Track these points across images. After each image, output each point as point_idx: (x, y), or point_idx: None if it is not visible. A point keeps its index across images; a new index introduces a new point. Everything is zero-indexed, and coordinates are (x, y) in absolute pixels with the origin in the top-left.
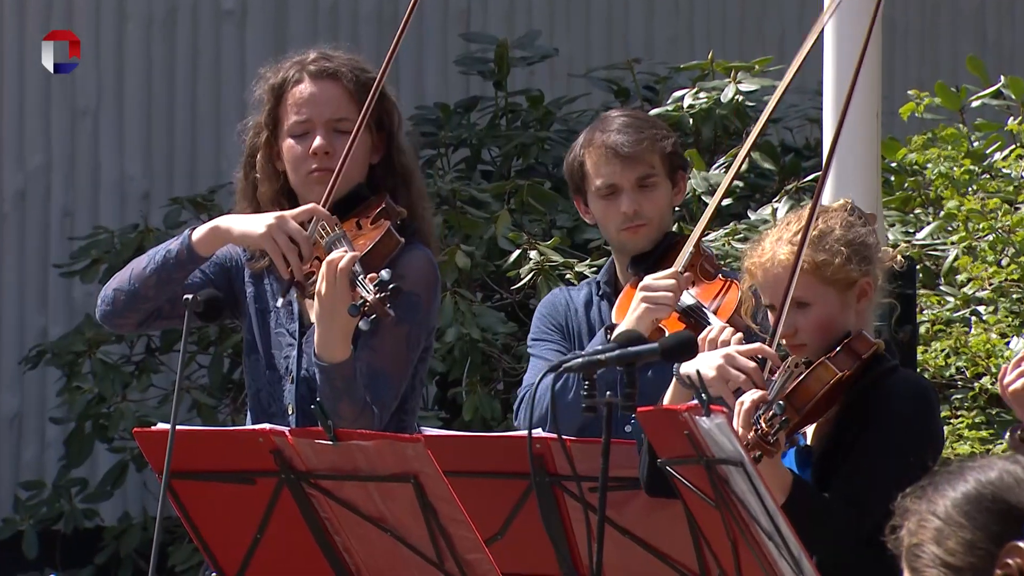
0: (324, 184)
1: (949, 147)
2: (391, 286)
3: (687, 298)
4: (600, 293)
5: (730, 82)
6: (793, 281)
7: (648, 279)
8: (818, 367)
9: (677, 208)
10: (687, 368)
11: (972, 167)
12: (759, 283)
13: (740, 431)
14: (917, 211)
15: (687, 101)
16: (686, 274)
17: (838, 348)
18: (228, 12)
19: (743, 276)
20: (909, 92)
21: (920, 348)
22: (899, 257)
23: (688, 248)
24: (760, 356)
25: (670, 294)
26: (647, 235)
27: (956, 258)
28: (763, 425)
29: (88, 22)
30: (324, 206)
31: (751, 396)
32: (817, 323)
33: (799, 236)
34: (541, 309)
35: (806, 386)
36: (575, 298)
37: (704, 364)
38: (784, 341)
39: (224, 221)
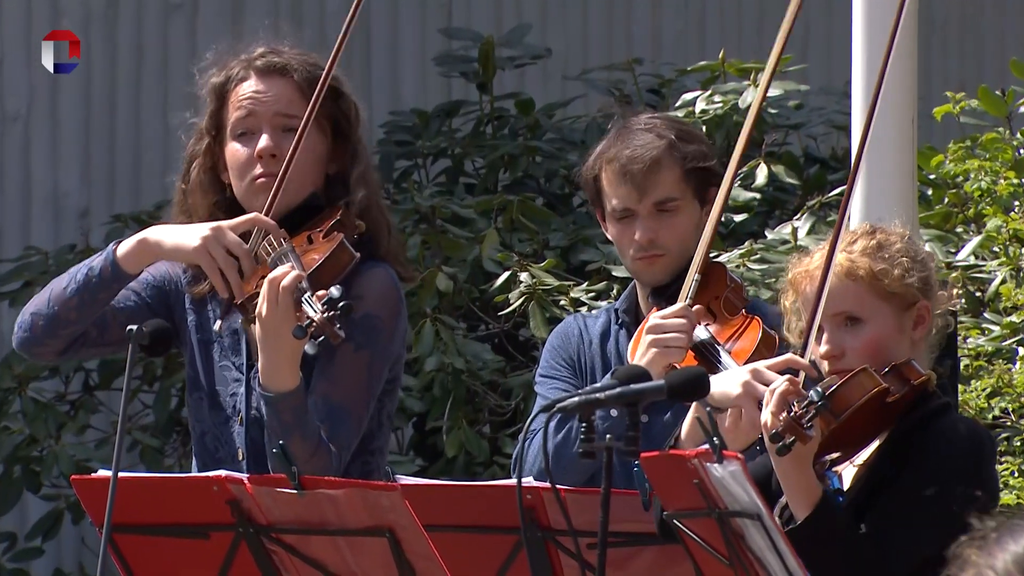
0: (269, 191)
1: (988, 155)
2: (342, 304)
3: (701, 332)
4: (619, 322)
5: (750, 85)
6: (825, 288)
7: (655, 318)
8: (860, 373)
9: None
10: (715, 392)
11: (1017, 180)
12: (804, 296)
13: (770, 418)
14: (959, 229)
15: (699, 106)
16: (696, 307)
17: (886, 369)
18: (176, 5)
19: (785, 289)
20: (950, 92)
21: (959, 387)
22: (955, 296)
23: (692, 276)
24: (791, 368)
25: (682, 334)
26: (664, 266)
27: (1003, 282)
28: (796, 408)
29: (18, 17)
30: (268, 216)
31: (784, 381)
32: (869, 343)
33: (855, 245)
34: (552, 340)
35: (845, 391)
36: (591, 328)
37: (728, 381)
38: (827, 364)
39: (153, 233)
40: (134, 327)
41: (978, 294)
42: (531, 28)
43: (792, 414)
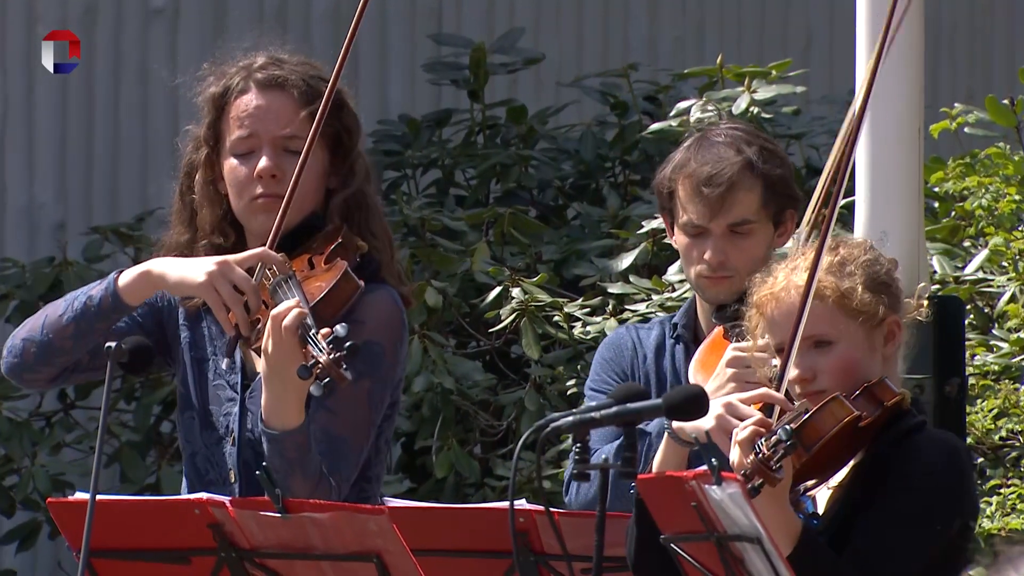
0: (270, 212)
1: (990, 171)
2: (347, 344)
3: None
4: (675, 336)
5: (743, 91)
6: (806, 309)
7: (734, 351)
8: (831, 402)
9: None
10: (686, 424)
11: (1020, 197)
12: (769, 319)
13: (737, 460)
14: (966, 243)
15: (694, 114)
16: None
17: (857, 392)
18: (157, 11)
19: (750, 313)
20: (946, 108)
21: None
22: (924, 306)
23: None
24: (767, 403)
25: (764, 369)
26: (730, 288)
27: (1012, 298)
28: (764, 449)
29: None
30: (272, 242)
31: (751, 422)
32: (840, 365)
33: (811, 260)
34: (603, 352)
35: (816, 422)
36: (644, 340)
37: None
38: (799, 388)
39: (157, 265)
40: (112, 344)
41: (987, 310)
42: (524, 32)
43: (760, 455)
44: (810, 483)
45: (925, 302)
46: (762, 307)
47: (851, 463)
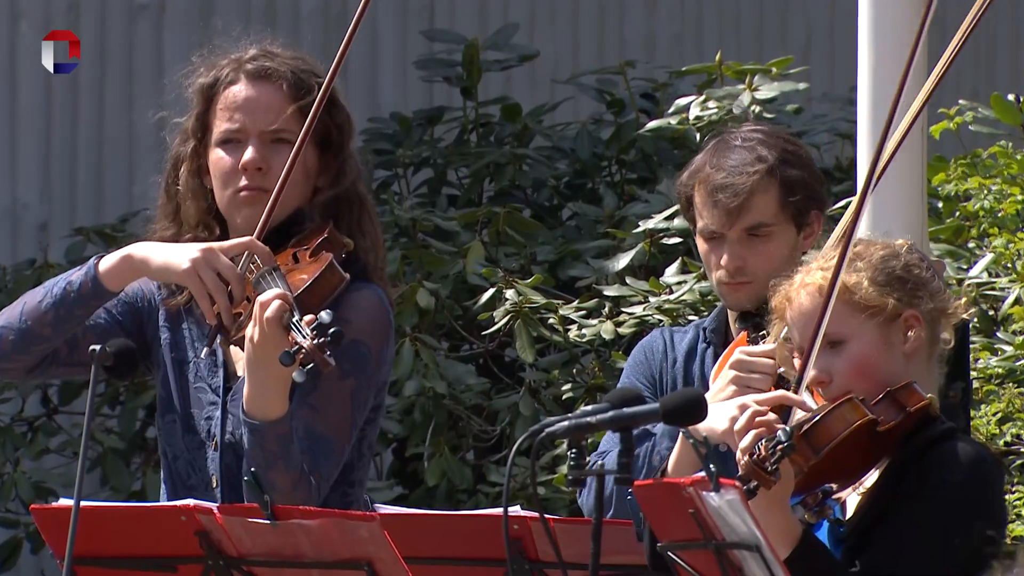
0: (254, 205)
1: (993, 171)
2: (332, 330)
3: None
4: (707, 341)
5: (745, 88)
6: (829, 306)
7: (740, 354)
8: (843, 404)
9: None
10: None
11: (1021, 197)
12: (789, 322)
13: (740, 463)
14: (971, 244)
15: (693, 111)
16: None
17: (880, 396)
18: (142, 7)
19: (772, 320)
20: (944, 109)
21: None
22: (963, 306)
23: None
24: (784, 406)
25: (767, 376)
26: (750, 294)
27: (1016, 301)
28: (761, 450)
29: None
30: (259, 234)
31: (755, 420)
32: (855, 364)
33: (832, 260)
34: (635, 355)
35: (827, 424)
36: (677, 344)
37: (717, 416)
38: (820, 391)
39: (139, 250)
40: (96, 347)
41: (991, 312)
42: (518, 29)
43: (755, 456)
44: (834, 487)
45: (964, 301)
46: (780, 311)
47: (879, 469)
